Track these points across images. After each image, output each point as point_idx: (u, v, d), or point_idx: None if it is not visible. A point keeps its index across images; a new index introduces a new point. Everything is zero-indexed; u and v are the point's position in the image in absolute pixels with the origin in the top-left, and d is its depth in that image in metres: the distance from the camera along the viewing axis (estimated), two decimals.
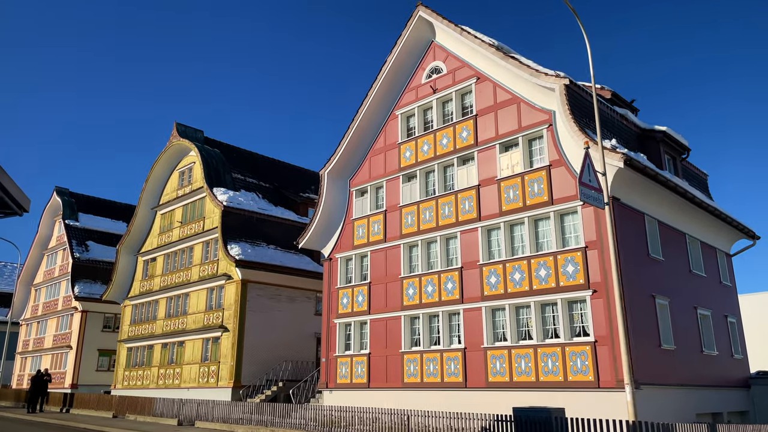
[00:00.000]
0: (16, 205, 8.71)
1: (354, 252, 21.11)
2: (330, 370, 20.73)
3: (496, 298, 16.50)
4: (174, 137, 31.11)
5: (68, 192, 41.84)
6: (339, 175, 22.07)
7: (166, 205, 31.69)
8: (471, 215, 17.70)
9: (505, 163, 17.33)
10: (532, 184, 16.44)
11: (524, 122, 17.00)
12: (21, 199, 8.65)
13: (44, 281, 41.42)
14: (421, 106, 20.24)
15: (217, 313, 26.41)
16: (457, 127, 18.81)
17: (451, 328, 17.72)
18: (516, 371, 15.65)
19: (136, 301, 32.16)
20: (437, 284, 18.09)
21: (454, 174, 18.74)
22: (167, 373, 28.43)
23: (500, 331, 16.52)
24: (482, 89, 18.36)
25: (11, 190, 8.32)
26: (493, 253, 17.17)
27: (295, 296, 27.90)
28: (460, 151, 18.49)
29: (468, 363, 16.78)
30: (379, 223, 20.47)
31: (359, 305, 20.37)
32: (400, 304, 18.99)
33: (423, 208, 19.17)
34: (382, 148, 21.20)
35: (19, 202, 8.69)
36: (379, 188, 21.18)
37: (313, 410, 16.24)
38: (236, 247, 25.91)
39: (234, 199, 27.69)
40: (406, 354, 18.41)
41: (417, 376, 17.92)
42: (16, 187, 8.47)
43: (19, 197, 8.60)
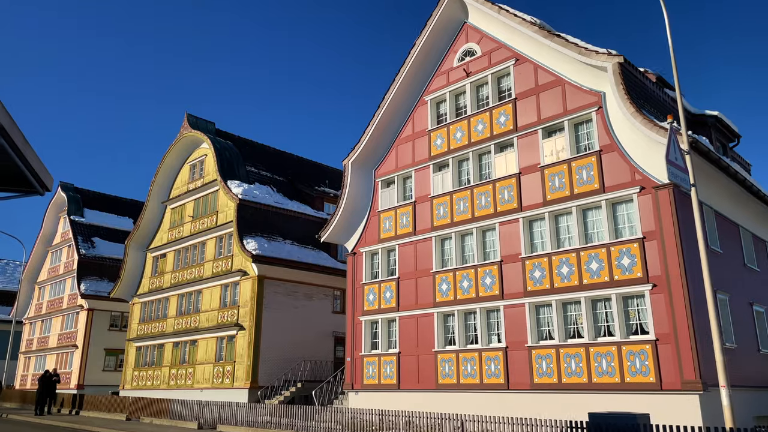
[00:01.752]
0: (39, 182, 7.64)
1: (380, 246, 19.98)
2: (355, 370, 19.60)
3: (541, 293, 15.37)
4: (185, 129, 29.98)
5: (73, 187, 40.71)
6: (363, 165, 20.94)
7: (176, 199, 30.56)
8: (511, 205, 16.57)
9: (548, 150, 16.19)
10: (580, 171, 15.30)
11: (570, 105, 15.87)
12: (44, 176, 7.59)
13: (48, 279, 40.29)
14: (452, 91, 19.10)
15: (232, 310, 25.29)
16: (494, 112, 17.67)
17: (490, 325, 16.59)
18: (565, 372, 14.52)
19: (146, 299, 31.02)
20: (474, 279, 16.96)
21: (490, 162, 17.60)
22: (179, 374, 27.31)
23: (545, 329, 15.39)
24: (522, 71, 17.22)
25: (35, 166, 7.25)
26: (536, 245, 16.04)
27: (313, 293, 26.78)
28: (498, 137, 17.35)
29: (510, 363, 15.66)
30: (408, 215, 19.34)
31: (387, 302, 19.24)
32: (433, 301, 17.86)
33: (456, 199, 18.04)
34: (410, 136, 20.07)
35: (41, 179, 7.62)
36: (407, 178, 20.05)
37: (341, 413, 15.11)
38: (252, 242, 24.79)
39: (249, 192, 26.56)
40: (440, 353, 17.29)
41: (453, 377, 16.80)
42: (39, 163, 7.40)
43: (42, 174, 7.53)
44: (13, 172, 7.42)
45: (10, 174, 7.53)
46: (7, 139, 6.46)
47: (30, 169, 7.19)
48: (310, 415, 15.91)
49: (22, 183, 7.79)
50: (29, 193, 7.86)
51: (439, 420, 13.63)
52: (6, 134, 6.35)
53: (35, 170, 7.26)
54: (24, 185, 7.82)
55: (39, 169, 7.36)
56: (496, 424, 11.83)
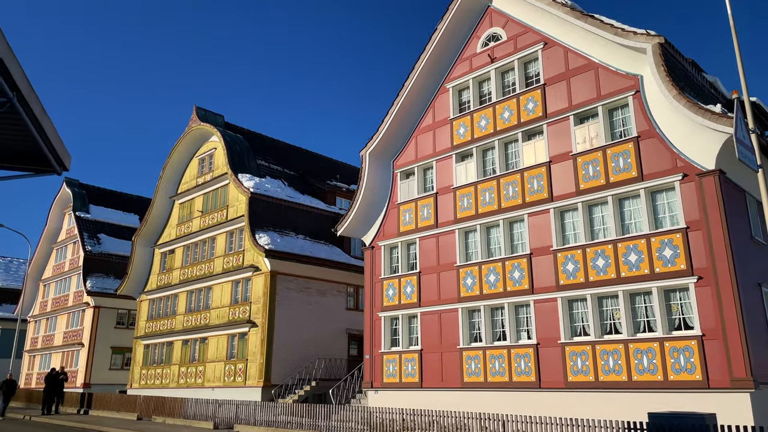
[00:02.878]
0: (57, 160, 6.97)
1: (400, 239, 19.26)
2: (375, 368, 18.88)
3: (575, 287, 14.64)
4: (193, 122, 29.28)
5: (78, 183, 40.07)
6: (381, 156, 20.21)
7: (185, 194, 29.86)
8: (541, 195, 15.83)
9: (581, 137, 15.45)
10: (616, 158, 14.56)
11: (604, 90, 15.12)
12: (62, 153, 6.92)
13: (53, 276, 39.64)
14: (476, 78, 18.35)
15: (244, 307, 24.59)
16: (521, 98, 16.92)
17: (519, 321, 15.86)
18: (602, 369, 13.78)
19: (154, 296, 30.33)
20: (501, 273, 16.23)
21: (518, 150, 16.87)
22: (189, 372, 26.62)
23: (579, 325, 14.66)
24: (551, 56, 16.47)
25: (52, 140, 6.60)
26: (568, 237, 15.31)
27: (326, 289, 26.06)
28: (526, 124, 16.61)
29: (542, 360, 14.93)
30: (429, 207, 18.61)
31: (407, 297, 18.52)
32: (457, 296, 17.14)
33: (481, 189, 17.30)
34: (431, 125, 19.33)
35: (59, 157, 6.95)
36: (427, 169, 19.31)
37: (365, 412, 14.40)
38: (265, 237, 24.07)
39: (260, 185, 25.85)
40: (466, 350, 16.56)
41: (479, 375, 16.08)
42: (57, 137, 6.74)
43: (59, 150, 6.87)
44: (30, 147, 6.75)
45: (26, 149, 6.85)
46: (25, 107, 5.78)
47: (48, 144, 6.51)
48: (332, 414, 15.21)
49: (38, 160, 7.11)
50: (46, 171, 7.18)
51: (467, 419, 12.96)
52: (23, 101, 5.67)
53: (53, 145, 6.59)
54: (40, 163, 7.14)
55: (57, 145, 6.69)
56: (540, 425, 11.09)
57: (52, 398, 22.41)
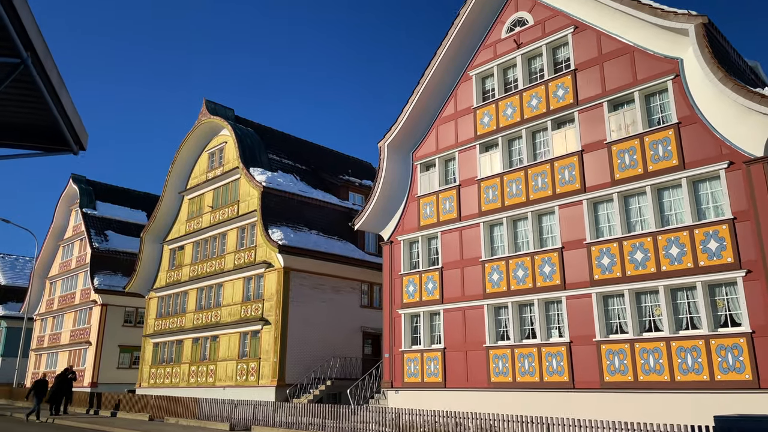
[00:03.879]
0: (74, 138, 6.30)
1: (420, 233, 18.55)
2: (395, 367, 18.18)
3: (611, 282, 13.90)
4: (203, 115, 28.61)
5: (85, 179, 39.46)
6: (400, 147, 19.49)
7: (194, 189, 29.21)
8: (573, 186, 15.09)
9: (615, 124, 14.70)
10: (654, 146, 13.81)
11: (640, 74, 14.37)
12: (80, 130, 6.25)
13: (60, 274, 39.07)
14: (500, 65, 17.62)
15: (256, 304, 23.92)
16: (550, 85, 16.18)
17: (550, 318, 15.14)
18: (642, 369, 13.05)
19: (163, 293, 29.70)
20: (530, 268, 15.50)
21: (547, 139, 16.13)
22: (199, 371, 25.98)
23: (616, 322, 13.92)
24: (582, 40, 15.73)
25: (72, 118, 5.93)
26: (603, 229, 14.57)
27: (340, 287, 25.38)
28: (555, 112, 15.87)
29: (575, 359, 14.20)
30: (452, 200, 17.89)
31: (429, 293, 17.81)
32: (482, 292, 16.42)
33: (508, 181, 16.57)
34: (453, 114, 18.61)
35: (77, 134, 6.28)
36: (449, 160, 18.59)
37: (397, 414, 13.69)
38: (278, 232, 23.39)
39: (273, 179, 25.17)
40: (493, 349, 15.85)
41: (508, 375, 15.36)
42: (76, 115, 6.06)
43: (78, 129, 6.19)
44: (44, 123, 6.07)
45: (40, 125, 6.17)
46: (41, 73, 5.09)
47: (65, 119, 5.83)
48: (355, 415, 14.51)
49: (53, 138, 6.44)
50: (61, 150, 6.50)
51: (497, 421, 12.29)
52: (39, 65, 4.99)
53: (70, 120, 5.90)
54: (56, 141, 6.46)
55: (75, 121, 6.00)
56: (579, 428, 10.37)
57: (61, 398, 21.78)
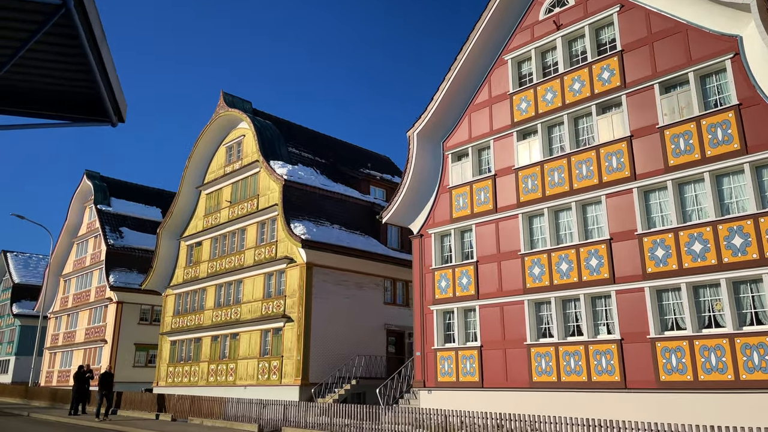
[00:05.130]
0: (114, 108, 5.59)
1: (453, 226, 17.73)
2: (427, 366, 17.39)
3: (666, 275, 13.02)
4: (221, 108, 27.94)
5: (99, 176, 38.99)
6: (430, 136, 18.68)
7: (212, 183, 28.54)
8: (621, 174, 14.21)
9: (668, 107, 13.81)
10: (712, 129, 12.91)
11: (695, 54, 13.46)
12: (120, 99, 5.55)
13: (74, 271, 38.59)
14: (538, 48, 16.75)
15: (278, 300, 23.21)
16: (593, 67, 15.31)
17: (597, 314, 14.28)
18: (702, 368, 12.18)
19: (180, 290, 29.06)
20: (575, 261, 14.65)
21: (591, 125, 15.26)
22: (219, 369, 25.32)
23: (671, 317, 13.05)
24: (629, 19, 14.84)
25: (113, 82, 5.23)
26: (655, 219, 13.69)
27: (363, 283, 24.62)
28: (601, 96, 15.00)
29: (627, 358, 13.34)
30: (487, 191, 17.06)
31: (463, 289, 17.00)
32: (522, 287, 15.58)
33: (549, 170, 15.72)
34: (486, 101, 17.76)
35: (118, 105, 5.59)
36: (483, 149, 17.76)
37: (443, 416, 12.91)
38: (300, 226, 22.65)
39: (294, 173, 24.44)
40: (535, 347, 15.01)
41: (551, 374, 14.52)
42: (117, 80, 5.37)
43: (118, 96, 5.49)
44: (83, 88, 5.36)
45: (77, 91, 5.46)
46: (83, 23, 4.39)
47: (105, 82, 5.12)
48: (393, 416, 13.74)
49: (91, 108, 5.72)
50: (99, 121, 5.78)
51: (541, 423, 11.52)
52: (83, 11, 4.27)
53: (111, 86, 5.20)
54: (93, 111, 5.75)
55: (115, 86, 5.29)
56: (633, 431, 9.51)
57: (80, 398, 21.19)
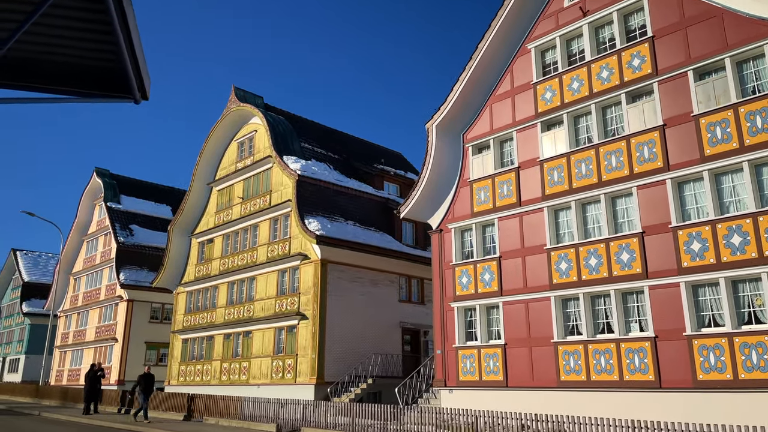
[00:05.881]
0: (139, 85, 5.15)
1: (474, 221, 17.21)
2: (448, 364, 16.89)
3: (703, 270, 12.45)
4: (232, 103, 27.53)
5: (109, 173, 38.70)
6: (449, 128, 18.17)
7: (223, 179, 28.14)
8: (653, 164, 13.65)
9: (702, 94, 13.24)
10: (751, 117, 12.33)
11: (731, 39, 12.89)
12: (145, 75, 5.11)
13: (84, 269, 38.33)
14: (563, 36, 16.20)
15: (292, 298, 22.76)
16: (623, 54, 14.74)
17: (628, 310, 13.73)
18: (743, 366, 11.61)
19: (191, 288, 28.69)
20: (604, 256, 14.10)
21: (621, 114, 14.70)
22: (232, 368, 24.92)
23: (708, 314, 12.48)
24: (660, 4, 14.26)
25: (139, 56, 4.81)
26: (690, 212, 13.12)
27: (378, 280, 24.15)
28: (630, 84, 14.43)
29: (661, 356, 12.79)
30: (510, 184, 16.53)
31: (486, 285, 16.48)
32: (549, 283, 15.05)
33: (575, 161, 15.17)
34: (509, 91, 17.23)
35: (142, 81, 5.15)
36: (505, 141, 17.22)
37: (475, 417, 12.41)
38: (314, 222, 22.20)
39: (307, 168, 23.99)
40: (562, 345, 14.48)
41: (580, 373, 13.98)
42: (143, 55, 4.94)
43: (144, 72, 5.05)
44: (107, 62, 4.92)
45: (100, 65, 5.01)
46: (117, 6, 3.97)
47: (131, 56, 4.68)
48: (416, 415, 13.26)
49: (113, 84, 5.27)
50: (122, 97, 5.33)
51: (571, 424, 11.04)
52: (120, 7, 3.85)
53: (137, 59, 4.76)
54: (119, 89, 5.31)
55: (141, 61, 4.85)
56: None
57: (93, 397, 20.83)
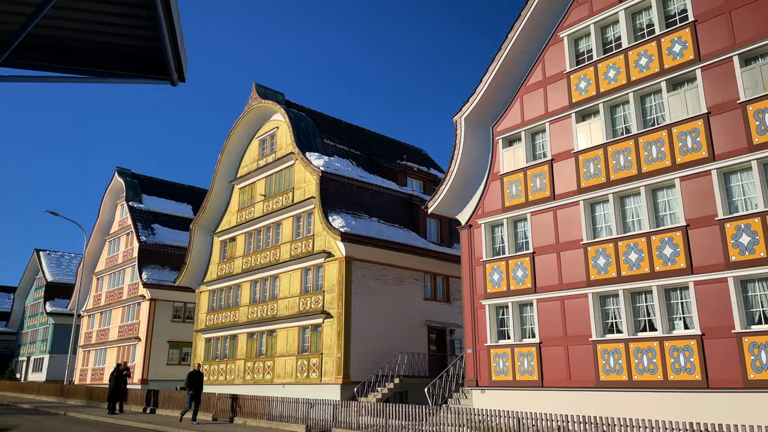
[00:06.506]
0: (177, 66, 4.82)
1: (505, 215, 16.71)
2: (480, 364, 16.42)
3: (752, 264, 11.84)
4: (253, 100, 27.29)
5: (130, 173, 38.83)
6: (478, 121, 17.68)
7: (245, 177, 27.94)
8: (698, 154, 13.04)
9: (749, 80, 12.60)
10: None
11: None
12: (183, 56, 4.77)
13: (107, 269, 38.50)
14: (598, 23, 15.63)
15: (316, 296, 22.45)
16: (662, 41, 14.14)
17: (672, 307, 13.14)
18: None
19: (214, 287, 28.55)
20: (645, 250, 13.52)
21: (661, 103, 14.10)
22: (256, 367, 24.69)
23: (759, 310, 11.86)
24: None
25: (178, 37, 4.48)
26: (737, 203, 12.50)
27: (403, 277, 23.75)
28: (671, 71, 13.82)
29: (708, 355, 12.20)
30: (543, 177, 16.00)
31: (518, 282, 15.97)
32: (585, 279, 14.50)
33: (613, 152, 14.60)
34: (540, 82, 16.69)
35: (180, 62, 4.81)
36: (537, 133, 16.69)
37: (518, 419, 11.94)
38: (339, 219, 21.85)
39: (330, 164, 23.64)
40: (601, 343, 13.93)
41: (621, 373, 13.42)
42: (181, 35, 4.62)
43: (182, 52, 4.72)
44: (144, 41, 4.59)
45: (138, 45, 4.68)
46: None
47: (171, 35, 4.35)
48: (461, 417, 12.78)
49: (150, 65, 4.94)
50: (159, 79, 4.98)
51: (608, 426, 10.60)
52: None
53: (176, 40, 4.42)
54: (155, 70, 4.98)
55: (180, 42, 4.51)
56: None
57: (118, 396, 20.73)
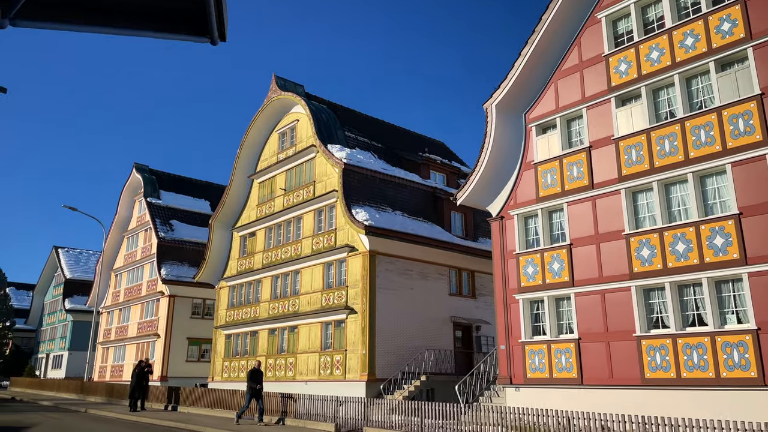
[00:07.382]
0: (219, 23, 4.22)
1: (539, 206, 16.02)
2: (513, 361, 15.76)
3: None
4: (273, 92, 26.81)
5: (149, 169, 38.62)
6: (510, 108, 16.99)
7: (264, 171, 27.48)
8: (751, 138, 12.26)
9: None
10: None
11: None
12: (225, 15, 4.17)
13: (125, 265, 38.35)
14: (638, 2, 14.85)
15: (339, 291, 21.92)
16: (710, 19, 13.35)
17: (723, 300, 12.38)
18: None
19: (234, 282, 28.15)
20: (694, 240, 12.77)
21: (709, 85, 13.32)
22: (277, 364, 24.23)
23: None
24: None
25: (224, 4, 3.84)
26: None
27: (427, 272, 23.14)
28: (720, 51, 13.03)
29: (765, 350, 11.44)
30: (581, 165, 15.27)
31: (555, 275, 15.28)
32: (628, 271, 13.77)
33: (657, 138, 13.84)
34: (576, 66, 15.96)
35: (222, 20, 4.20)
36: (573, 119, 15.97)
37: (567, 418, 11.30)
38: (362, 212, 21.28)
39: (353, 156, 23.08)
40: (646, 339, 13.20)
41: (669, 370, 12.69)
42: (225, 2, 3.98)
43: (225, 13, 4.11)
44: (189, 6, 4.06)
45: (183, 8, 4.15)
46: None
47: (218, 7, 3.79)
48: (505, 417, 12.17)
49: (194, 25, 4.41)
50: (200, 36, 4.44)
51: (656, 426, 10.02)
52: None
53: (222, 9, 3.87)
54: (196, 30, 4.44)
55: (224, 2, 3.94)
56: None
57: (140, 393, 20.38)
